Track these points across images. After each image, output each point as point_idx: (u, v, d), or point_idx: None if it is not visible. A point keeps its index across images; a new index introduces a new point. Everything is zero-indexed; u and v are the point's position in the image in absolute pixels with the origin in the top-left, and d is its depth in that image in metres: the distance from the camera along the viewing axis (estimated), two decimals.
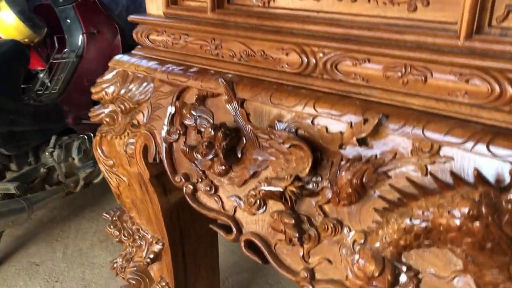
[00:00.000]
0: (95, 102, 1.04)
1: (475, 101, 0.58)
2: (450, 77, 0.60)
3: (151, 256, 1.12)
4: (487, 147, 0.54)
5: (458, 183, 0.54)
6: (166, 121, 0.90)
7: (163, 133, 0.90)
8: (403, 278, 0.62)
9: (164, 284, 1.15)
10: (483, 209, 0.51)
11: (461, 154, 0.57)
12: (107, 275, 1.89)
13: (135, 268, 1.17)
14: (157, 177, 1.02)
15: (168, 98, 0.89)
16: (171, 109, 0.89)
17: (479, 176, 0.52)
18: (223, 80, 0.79)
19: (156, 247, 1.11)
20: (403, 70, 0.63)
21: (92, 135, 2.14)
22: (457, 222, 0.52)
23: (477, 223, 0.51)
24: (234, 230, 0.81)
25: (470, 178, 0.55)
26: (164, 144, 0.90)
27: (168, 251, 1.10)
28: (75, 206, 2.40)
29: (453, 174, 0.54)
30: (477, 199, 0.51)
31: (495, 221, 0.50)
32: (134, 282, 1.17)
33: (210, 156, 0.79)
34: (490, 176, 0.54)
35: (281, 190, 0.70)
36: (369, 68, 0.66)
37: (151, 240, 1.12)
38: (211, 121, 0.83)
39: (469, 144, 0.55)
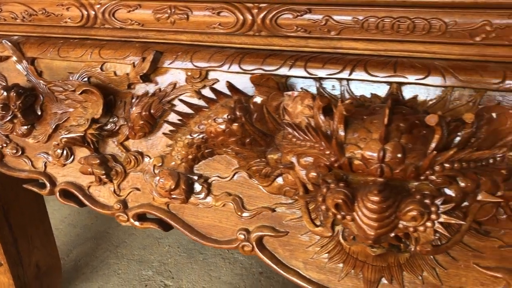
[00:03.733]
0: None
1: (228, 30, 0.70)
2: (206, 13, 0.71)
3: None
4: (239, 65, 0.67)
5: (218, 96, 0.66)
6: None
7: None
8: (197, 186, 0.74)
9: None
10: (238, 112, 0.64)
11: (222, 75, 0.69)
12: None
13: None
14: None
15: None
16: None
17: (231, 87, 0.65)
18: (7, 41, 0.80)
19: None
20: (169, 11, 0.73)
21: None
22: (222, 127, 0.65)
23: (235, 124, 0.64)
24: (48, 184, 0.84)
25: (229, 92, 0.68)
26: None
27: None
28: None
29: (212, 89, 0.67)
30: (232, 106, 0.64)
31: (247, 120, 0.64)
32: None
33: (8, 118, 0.80)
34: (243, 87, 0.67)
35: (81, 135, 0.76)
36: (141, 13, 0.74)
37: None
38: (4, 84, 0.83)
39: (226, 66, 0.68)
